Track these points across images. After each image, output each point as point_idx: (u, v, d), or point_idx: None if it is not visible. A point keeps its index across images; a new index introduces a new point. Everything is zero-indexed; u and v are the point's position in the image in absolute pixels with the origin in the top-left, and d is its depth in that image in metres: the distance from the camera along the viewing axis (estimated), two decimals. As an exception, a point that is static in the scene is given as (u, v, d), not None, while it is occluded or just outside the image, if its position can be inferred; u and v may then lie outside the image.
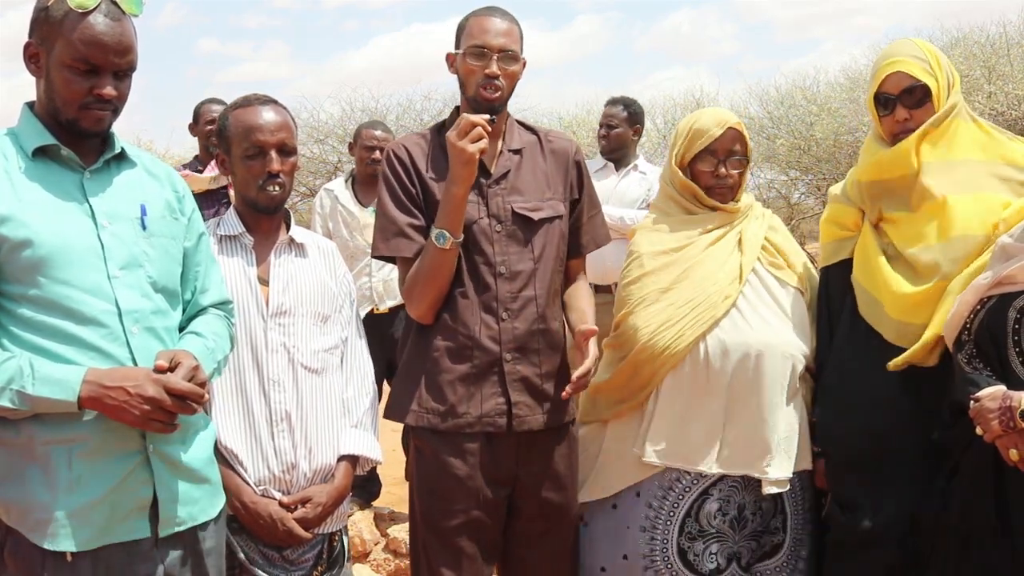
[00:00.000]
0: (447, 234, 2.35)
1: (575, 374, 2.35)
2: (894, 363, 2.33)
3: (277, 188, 2.30)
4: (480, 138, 2.31)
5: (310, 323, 2.34)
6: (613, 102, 4.99)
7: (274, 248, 2.37)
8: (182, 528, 1.92)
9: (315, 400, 2.31)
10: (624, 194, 4.79)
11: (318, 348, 2.34)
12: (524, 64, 2.50)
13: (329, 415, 2.34)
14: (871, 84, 2.50)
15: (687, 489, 2.53)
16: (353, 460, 2.38)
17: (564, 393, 2.38)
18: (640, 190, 4.82)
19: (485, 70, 2.40)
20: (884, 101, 2.46)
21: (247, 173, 2.30)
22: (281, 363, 2.28)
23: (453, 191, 2.34)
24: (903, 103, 2.42)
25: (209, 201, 4.37)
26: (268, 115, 2.31)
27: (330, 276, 2.44)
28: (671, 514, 2.53)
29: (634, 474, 2.58)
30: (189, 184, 2.27)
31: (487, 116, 2.36)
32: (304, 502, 2.25)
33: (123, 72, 1.88)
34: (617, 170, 4.89)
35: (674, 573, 2.53)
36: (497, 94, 2.42)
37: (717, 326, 2.51)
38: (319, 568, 2.33)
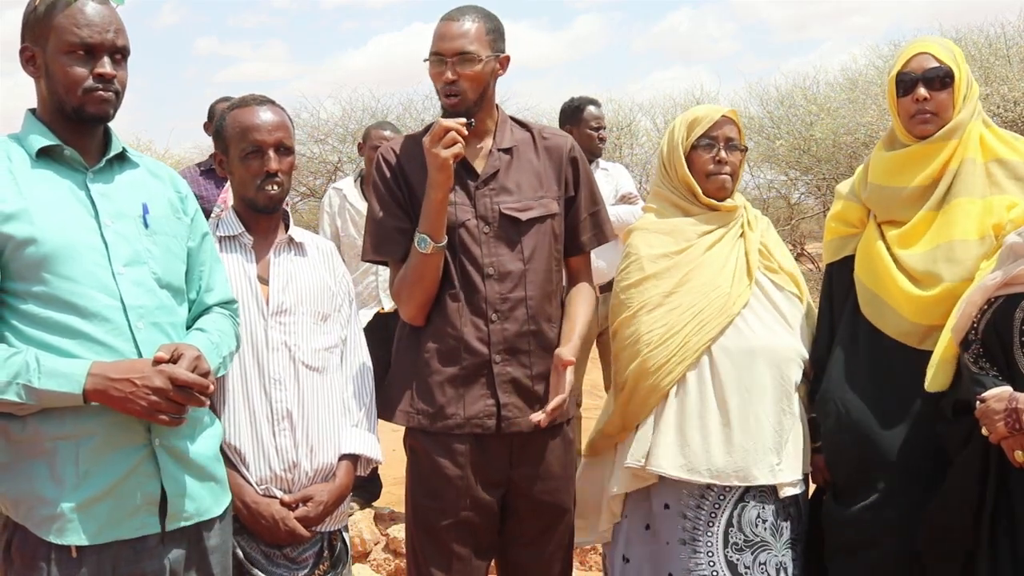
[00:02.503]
0: (428, 239, 2.35)
1: (549, 405, 2.30)
2: (930, 386, 2.28)
3: (275, 187, 2.31)
4: (454, 143, 2.29)
5: (310, 322, 2.35)
6: (590, 102, 4.87)
7: (273, 247, 2.38)
8: (188, 523, 1.93)
9: (316, 399, 2.32)
10: None
11: (318, 347, 2.35)
12: (503, 61, 2.47)
13: (330, 414, 2.35)
14: (894, 68, 2.50)
15: (721, 496, 2.46)
16: (354, 459, 2.39)
17: (538, 421, 2.30)
18: (609, 187, 4.83)
19: (442, 76, 2.40)
20: (905, 81, 2.45)
21: (245, 172, 2.32)
22: (282, 362, 2.29)
23: (432, 196, 2.34)
24: (925, 83, 2.42)
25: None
26: (265, 115, 2.32)
27: (329, 275, 2.45)
28: (710, 524, 2.45)
29: (634, 481, 2.53)
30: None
31: (462, 120, 2.34)
32: (305, 501, 2.26)
33: (119, 52, 1.91)
34: None
35: None
36: (455, 99, 2.40)
37: (723, 333, 2.49)
38: (321, 567, 2.33)
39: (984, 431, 2.11)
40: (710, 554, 2.44)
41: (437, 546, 2.43)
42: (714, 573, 2.43)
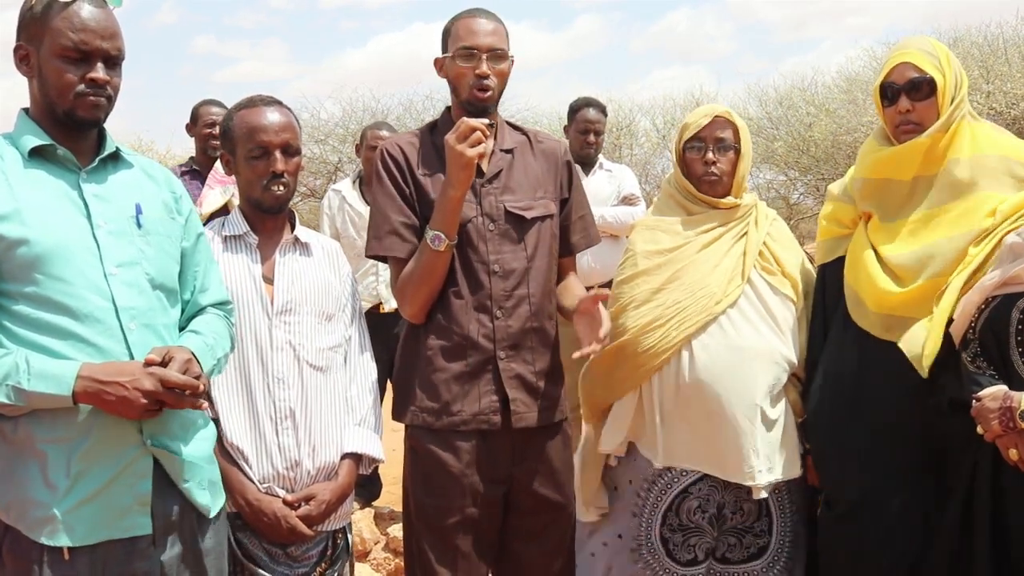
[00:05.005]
0: (442, 236, 2.37)
1: (601, 332, 2.31)
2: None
3: (281, 188, 2.32)
4: (479, 142, 2.32)
5: (315, 321, 2.35)
6: (588, 104, 4.89)
7: (279, 247, 2.38)
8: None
9: (319, 398, 2.32)
10: (596, 194, 4.79)
11: (323, 346, 2.36)
12: (512, 61, 2.53)
13: (333, 413, 2.35)
14: (879, 76, 2.52)
15: (668, 485, 2.58)
16: (356, 458, 2.39)
17: (581, 352, 2.34)
18: (611, 188, 4.85)
19: (475, 70, 2.43)
20: (888, 91, 2.46)
21: (252, 173, 2.32)
22: (287, 361, 2.29)
23: (450, 194, 2.35)
24: (907, 94, 2.43)
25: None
26: (272, 116, 2.33)
27: (334, 275, 2.45)
28: (655, 506, 2.59)
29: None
30: (202, 208, 2.26)
31: (485, 120, 2.37)
32: (308, 499, 2.27)
33: (112, 59, 1.90)
34: (585, 171, 4.90)
35: (656, 557, 2.60)
36: (489, 93, 2.45)
37: (705, 331, 2.53)
38: (322, 565, 2.34)
39: (979, 429, 2.13)
40: (649, 529, 2.61)
41: (443, 545, 2.44)
42: (648, 544, 2.62)
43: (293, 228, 2.43)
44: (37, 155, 1.88)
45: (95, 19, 1.87)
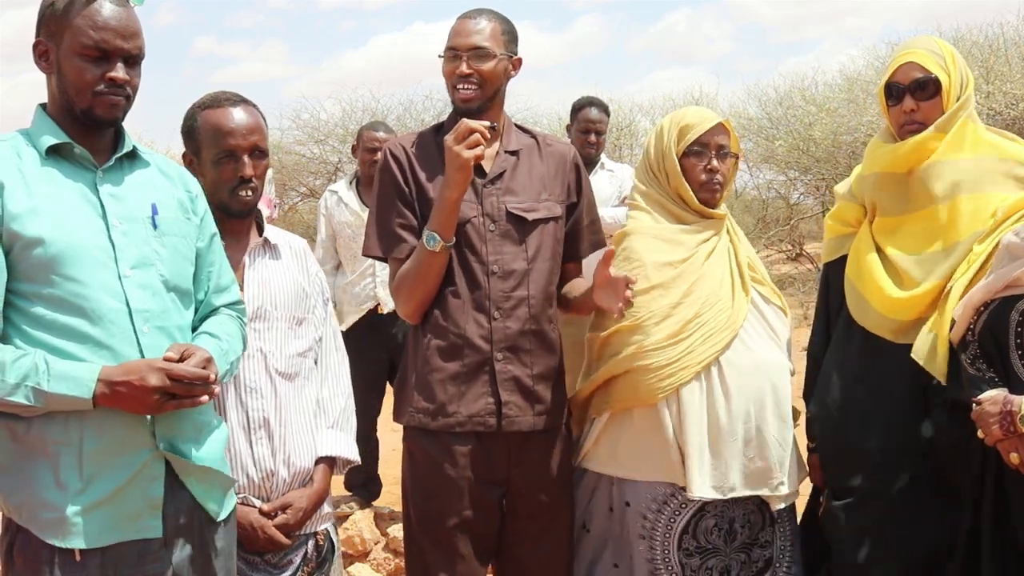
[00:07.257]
0: (437, 237, 2.35)
1: (622, 291, 2.29)
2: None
3: (250, 192, 2.24)
4: (477, 144, 2.29)
5: (285, 327, 2.31)
6: (591, 103, 4.87)
7: (247, 251, 2.32)
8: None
9: (291, 405, 2.28)
10: (597, 193, 4.76)
11: (293, 352, 2.31)
12: (516, 63, 2.51)
13: (305, 419, 2.31)
14: (883, 75, 2.51)
15: (683, 506, 2.47)
16: (331, 462, 2.36)
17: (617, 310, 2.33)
18: (611, 188, 4.83)
19: (456, 71, 2.43)
20: (893, 91, 2.45)
21: (218, 177, 2.23)
22: (258, 369, 2.24)
23: (447, 195, 2.34)
24: (912, 94, 2.42)
25: None
26: (240, 117, 2.23)
27: (303, 276, 2.40)
28: (668, 529, 2.48)
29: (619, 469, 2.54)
30: None
31: (486, 122, 2.35)
32: (284, 508, 2.23)
33: (132, 58, 1.89)
34: (587, 171, 4.89)
35: None
36: (469, 92, 2.43)
37: (730, 347, 2.46)
38: (306, 568, 2.31)
39: (980, 433, 2.11)
40: (665, 551, 2.49)
41: (441, 547, 2.43)
42: (668, 568, 2.48)
43: (261, 231, 2.36)
44: (54, 153, 1.87)
45: (116, 18, 1.85)
